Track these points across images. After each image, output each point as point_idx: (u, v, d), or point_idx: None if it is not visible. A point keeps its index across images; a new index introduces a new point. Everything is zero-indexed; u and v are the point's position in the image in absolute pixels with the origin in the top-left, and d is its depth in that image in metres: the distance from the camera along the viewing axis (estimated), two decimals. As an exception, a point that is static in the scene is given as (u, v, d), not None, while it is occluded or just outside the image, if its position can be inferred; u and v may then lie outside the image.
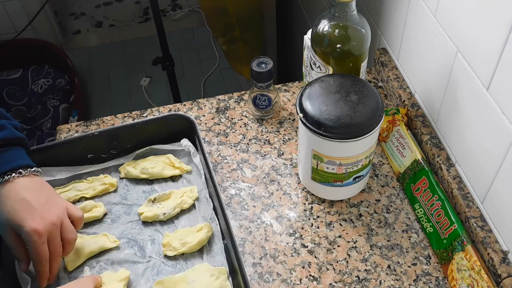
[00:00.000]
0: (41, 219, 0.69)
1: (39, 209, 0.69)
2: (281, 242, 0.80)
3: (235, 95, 1.02)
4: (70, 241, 0.73)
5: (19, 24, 2.26)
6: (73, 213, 0.75)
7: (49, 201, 0.72)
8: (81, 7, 2.72)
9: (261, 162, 0.91)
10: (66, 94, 2.18)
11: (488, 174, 0.71)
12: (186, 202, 0.83)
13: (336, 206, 0.84)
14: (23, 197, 0.69)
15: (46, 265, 0.70)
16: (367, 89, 0.75)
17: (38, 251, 0.68)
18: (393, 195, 0.85)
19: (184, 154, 0.90)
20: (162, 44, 1.68)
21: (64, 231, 0.72)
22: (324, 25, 0.82)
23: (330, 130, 0.71)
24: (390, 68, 0.97)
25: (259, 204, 0.85)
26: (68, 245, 0.73)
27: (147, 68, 2.29)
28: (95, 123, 0.98)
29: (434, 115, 0.86)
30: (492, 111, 0.67)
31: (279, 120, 0.97)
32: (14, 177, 0.70)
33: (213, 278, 0.72)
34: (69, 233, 0.72)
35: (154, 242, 0.80)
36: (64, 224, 0.72)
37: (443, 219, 0.76)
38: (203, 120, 0.98)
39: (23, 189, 0.70)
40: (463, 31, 0.72)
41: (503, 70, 0.64)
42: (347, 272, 0.76)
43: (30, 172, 0.72)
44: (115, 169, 0.89)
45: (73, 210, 0.75)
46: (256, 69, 0.90)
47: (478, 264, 0.69)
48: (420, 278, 0.75)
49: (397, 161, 0.86)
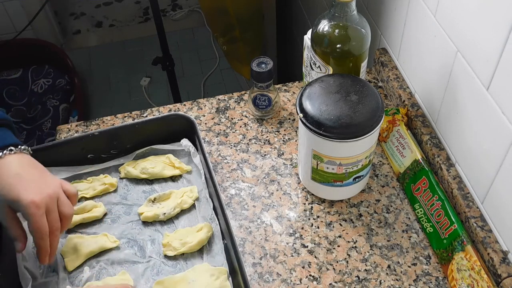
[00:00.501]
0: (38, 191, 0.68)
1: (34, 182, 0.69)
2: (281, 242, 0.80)
3: (235, 95, 1.02)
4: (68, 215, 0.72)
5: (19, 24, 2.25)
6: (67, 188, 0.74)
7: (43, 176, 0.71)
8: (81, 7, 2.72)
9: (261, 162, 0.91)
10: (66, 94, 2.18)
11: (488, 174, 0.71)
12: (186, 202, 0.83)
13: (336, 206, 0.84)
14: (16, 172, 0.69)
15: (46, 239, 0.69)
16: (367, 89, 0.75)
17: (37, 223, 0.67)
18: (393, 195, 0.85)
19: (184, 154, 0.90)
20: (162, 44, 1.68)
21: (60, 205, 0.71)
22: (324, 25, 0.82)
23: (330, 130, 0.71)
24: (390, 68, 0.97)
25: (259, 204, 0.85)
26: (65, 220, 0.72)
27: (147, 68, 2.29)
28: (95, 123, 0.98)
29: (434, 115, 0.86)
30: (492, 111, 0.67)
31: (279, 120, 0.97)
32: (6, 154, 0.69)
33: (213, 278, 0.72)
34: (66, 207, 0.72)
35: (154, 242, 0.80)
36: (60, 198, 0.71)
37: (443, 219, 0.76)
38: (203, 120, 0.98)
39: (15, 165, 0.70)
40: (463, 31, 0.72)
41: (503, 70, 0.64)
42: (347, 272, 0.76)
43: (21, 150, 0.72)
44: (115, 169, 0.89)
45: (66, 186, 0.74)
46: (256, 69, 0.90)
47: (478, 264, 0.69)
48: (420, 278, 0.75)
49: (397, 161, 0.86)
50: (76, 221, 0.81)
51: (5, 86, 2.22)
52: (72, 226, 0.81)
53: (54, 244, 0.71)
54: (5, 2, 2.25)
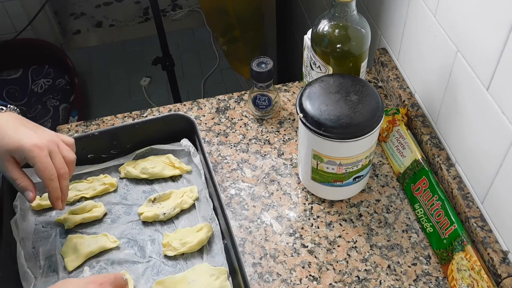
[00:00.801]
0: (37, 137, 0.70)
1: (32, 131, 0.71)
2: (281, 242, 0.80)
3: (235, 95, 1.02)
4: (71, 160, 0.73)
5: (19, 24, 2.25)
6: (64, 138, 0.75)
7: (39, 127, 0.73)
8: (81, 7, 2.72)
9: (261, 162, 0.91)
10: (66, 94, 2.18)
11: (488, 174, 0.71)
12: (186, 202, 0.83)
13: (336, 206, 0.84)
14: (13, 124, 0.70)
15: (56, 180, 0.70)
16: (367, 89, 0.75)
17: (44, 164, 0.68)
18: (393, 195, 0.85)
19: (184, 154, 0.90)
20: (162, 44, 1.68)
21: (62, 150, 0.72)
22: (324, 25, 0.82)
23: (330, 130, 0.71)
24: (390, 68, 0.97)
25: (259, 204, 0.85)
26: (70, 165, 0.73)
27: (147, 68, 2.29)
28: (95, 123, 0.98)
29: (434, 115, 0.86)
30: (492, 111, 0.67)
31: (279, 120, 0.97)
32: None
33: (213, 278, 0.72)
34: (68, 152, 0.73)
35: (154, 242, 0.80)
36: (59, 145, 0.72)
37: (443, 219, 0.76)
38: (203, 120, 0.98)
39: (11, 120, 0.71)
40: (463, 31, 0.72)
41: (503, 70, 0.64)
42: (347, 272, 0.76)
43: (11, 110, 0.74)
44: (115, 169, 0.89)
45: (62, 136, 0.75)
46: (256, 69, 0.90)
47: (478, 264, 0.69)
48: (420, 278, 0.75)
49: (397, 161, 0.86)
50: (76, 221, 0.81)
51: (5, 86, 2.22)
52: (72, 226, 0.81)
53: (64, 188, 0.72)
54: (5, 2, 2.25)
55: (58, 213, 0.84)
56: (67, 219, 0.81)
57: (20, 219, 0.80)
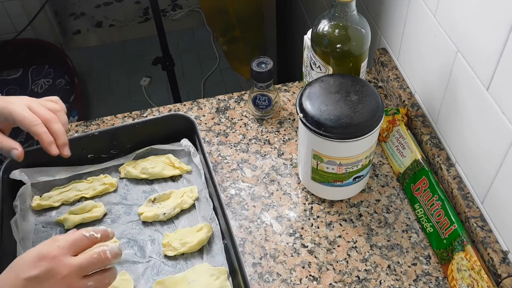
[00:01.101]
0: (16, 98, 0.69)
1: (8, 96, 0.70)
2: (281, 242, 0.80)
3: (235, 95, 1.02)
4: (56, 109, 0.72)
5: (19, 24, 2.25)
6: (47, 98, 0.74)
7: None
8: (81, 7, 2.72)
9: (261, 162, 0.91)
10: (66, 94, 2.18)
11: (488, 174, 0.71)
12: (186, 202, 0.83)
13: (336, 206, 0.84)
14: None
15: (40, 125, 0.68)
16: (367, 89, 0.75)
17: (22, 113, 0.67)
18: (393, 195, 0.85)
19: (184, 154, 0.90)
20: (162, 44, 1.68)
21: (45, 104, 0.71)
22: (324, 25, 0.82)
23: (330, 130, 0.71)
24: (390, 68, 0.97)
25: (259, 204, 0.85)
26: (56, 113, 0.71)
27: (147, 68, 2.29)
28: (95, 123, 0.98)
29: (434, 115, 0.86)
30: (492, 111, 0.67)
31: (279, 120, 0.97)
32: None
33: (213, 278, 0.72)
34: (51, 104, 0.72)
35: (154, 242, 0.80)
36: (41, 101, 0.71)
37: (443, 219, 0.76)
38: (203, 120, 0.98)
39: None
40: (463, 31, 0.72)
41: (503, 70, 0.64)
42: (347, 272, 0.76)
43: None
44: (115, 169, 0.89)
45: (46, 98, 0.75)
46: (256, 69, 0.90)
47: (478, 264, 0.69)
48: (420, 278, 0.75)
49: (397, 161, 0.86)
50: (76, 221, 0.81)
51: (5, 86, 2.22)
52: (72, 226, 0.81)
53: (58, 131, 0.69)
54: (5, 2, 2.25)
55: (58, 213, 0.84)
56: (67, 219, 0.81)
57: (20, 219, 0.80)
